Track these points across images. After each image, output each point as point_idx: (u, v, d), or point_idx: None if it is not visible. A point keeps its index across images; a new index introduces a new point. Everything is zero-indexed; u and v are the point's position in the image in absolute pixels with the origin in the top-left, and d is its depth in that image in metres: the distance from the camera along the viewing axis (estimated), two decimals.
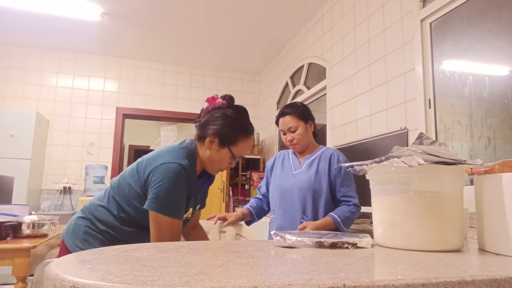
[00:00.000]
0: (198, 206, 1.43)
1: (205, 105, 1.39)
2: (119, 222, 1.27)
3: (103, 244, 1.25)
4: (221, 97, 1.36)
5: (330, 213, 1.73)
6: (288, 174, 1.88)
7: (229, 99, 1.35)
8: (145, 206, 1.21)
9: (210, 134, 1.31)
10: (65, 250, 1.26)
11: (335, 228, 1.70)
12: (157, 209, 1.19)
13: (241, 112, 1.35)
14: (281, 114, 1.89)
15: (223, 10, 3.90)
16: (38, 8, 3.87)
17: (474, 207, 1.01)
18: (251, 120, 1.42)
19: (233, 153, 1.32)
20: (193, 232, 1.59)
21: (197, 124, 1.37)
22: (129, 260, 0.72)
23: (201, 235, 1.60)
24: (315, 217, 1.77)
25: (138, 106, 5.35)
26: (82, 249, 1.23)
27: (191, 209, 1.35)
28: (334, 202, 1.81)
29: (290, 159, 1.94)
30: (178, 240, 1.24)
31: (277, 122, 1.93)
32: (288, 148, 2.00)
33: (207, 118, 1.34)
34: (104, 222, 1.27)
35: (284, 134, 1.88)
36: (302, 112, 1.86)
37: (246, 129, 1.34)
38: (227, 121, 1.31)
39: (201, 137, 1.34)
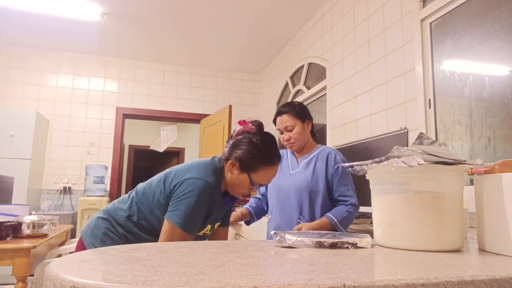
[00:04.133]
0: (218, 224, 1.45)
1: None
2: (138, 228, 1.29)
3: (118, 236, 1.28)
4: (251, 122, 1.38)
5: (327, 214, 1.72)
6: (286, 174, 1.88)
7: (258, 126, 1.38)
8: (165, 216, 1.25)
9: (233, 158, 1.34)
10: (82, 248, 1.28)
11: (332, 228, 1.69)
12: (174, 220, 1.22)
13: (267, 141, 1.36)
14: (278, 113, 1.88)
15: (223, 10, 3.89)
16: (38, 8, 3.87)
17: (474, 207, 1.01)
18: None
19: (252, 180, 1.33)
20: None
21: (227, 143, 1.41)
22: (129, 260, 0.72)
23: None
24: (312, 217, 1.76)
25: (138, 106, 5.35)
26: None
27: (209, 226, 1.36)
28: (331, 202, 1.79)
29: (288, 159, 1.93)
30: None
31: (274, 121, 1.92)
32: (287, 148, 2.00)
33: (235, 141, 1.37)
34: (124, 227, 1.29)
35: (282, 133, 1.87)
36: (299, 111, 1.84)
37: (268, 158, 1.34)
38: (250, 148, 1.33)
39: (226, 158, 1.37)
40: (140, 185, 1.36)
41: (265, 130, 1.42)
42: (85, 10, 3.91)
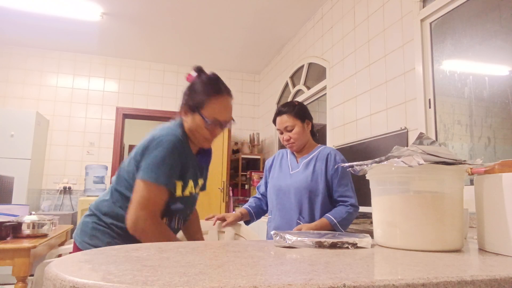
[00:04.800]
0: (202, 183, 1.44)
1: None
2: (124, 210, 1.27)
3: (112, 238, 1.26)
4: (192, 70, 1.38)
5: (326, 215, 1.71)
6: (285, 174, 1.87)
7: (197, 69, 1.36)
8: (136, 177, 1.23)
9: (181, 106, 1.34)
10: (76, 250, 1.28)
11: (332, 229, 1.68)
12: (144, 175, 1.19)
13: (207, 77, 1.34)
14: (278, 113, 1.87)
15: (223, 10, 3.89)
16: (38, 8, 3.87)
17: (474, 207, 1.01)
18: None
19: (203, 115, 1.29)
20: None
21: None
22: (129, 260, 0.72)
23: (194, 220, 1.60)
24: (311, 218, 1.75)
25: (138, 106, 5.35)
26: (91, 245, 1.25)
27: (191, 182, 1.33)
28: (331, 202, 1.79)
29: (288, 159, 1.93)
30: (160, 209, 1.22)
31: (274, 121, 1.91)
32: (287, 148, 2.00)
33: (182, 95, 1.38)
34: (110, 215, 1.28)
35: (281, 133, 1.87)
36: (298, 111, 1.84)
37: (210, 89, 1.31)
38: (192, 89, 1.33)
39: (180, 113, 1.37)
40: (115, 175, 1.37)
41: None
42: (85, 10, 3.90)
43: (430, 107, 2.31)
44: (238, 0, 3.69)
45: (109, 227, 1.27)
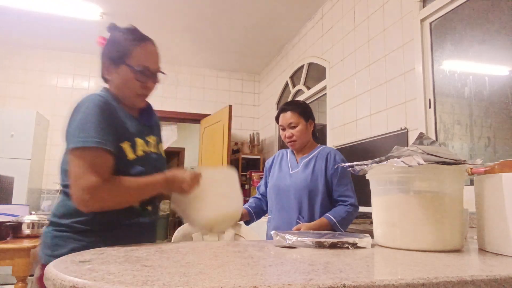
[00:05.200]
0: (156, 146, 1.26)
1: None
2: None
3: (75, 240, 1.08)
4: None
5: (326, 214, 1.72)
6: (285, 174, 1.88)
7: (111, 27, 1.23)
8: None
9: (102, 66, 1.20)
10: (41, 268, 1.10)
11: (331, 229, 1.68)
12: (72, 143, 1.03)
13: (125, 28, 1.21)
14: (282, 109, 1.89)
15: (223, 10, 3.89)
16: (38, 8, 3.87)
17: (474, 207, 1.01)
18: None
19: (131, 65, 1.15)
20: None
21: None
22: (129, 260, 0.72)
23: None
24: (311, 218, 1.76)
25: None
26: (55, 256, 1.04)
27: (140, 140, 1.17)
28: (331, 202, 1.79)
29: (288, 159, 1.93)
30: (105, 171, 1.03)
31: (277, 118, 1.92)
32: (287, 148, 2.00)
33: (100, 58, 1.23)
34: (67, 215, 1.11)
35: (284, 130, 1.88)
36: (303, 110, 1.86)
37: (136, 36, 1.18)
38: (112, 41, 1.19)
39: (102, 77, 1.23)
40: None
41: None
42: (85, 10, 3.90)
43: (430, 107, 2.31)
44: (238, 0, 3.69)
45: (71, 229, 1.09)
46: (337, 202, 1.78)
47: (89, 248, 1.01)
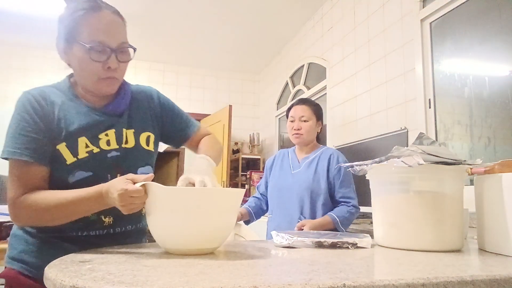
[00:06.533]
0: (122, 140, 1.02)
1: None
2: None
3: (26, 242, 0.97)
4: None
5: (329, 213, 1.73)
6: (287, 174, 1.88)
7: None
8: None
9: (58, 46, 1.03)
10: (6, 273, 0.97)
11: (334, 228, 1.70)
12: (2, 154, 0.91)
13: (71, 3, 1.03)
14: (299, 102, 1.92)
15: (223, 10, 3.89)
16: (38, 8, 3.87)
17: (474, 207, 1.01)
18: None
19: (82, 41, 0.95)
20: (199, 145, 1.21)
21: None
22: (129, 260, 0.72)
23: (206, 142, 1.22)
24: (312, 218, 1.76)
25: None
26: (8, 257, 0.98)
27: (85, 139, 0.96)
28: (333, 202, 1.80)
29: (289, 158, 1.94)
30: (25, 189, 0.89)
31: (289, 109, 1.93)
32: (288, 148, 2.00)
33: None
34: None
35: (293, 121, 1.88)
36: (317, 109, 1.91)
37: (84, 6, 0.98)
38: (62, 18, 1.03)
39: (66, 63, 1.08)
40: None
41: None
42: None
43: (430, 107, 2.31)
44: (238, 0, 3.69)
45: (23, 230, 0.99)
46: (339, 203, 1.78)
47: (36, 253, 0.94)
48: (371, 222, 1.51)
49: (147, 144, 1.08)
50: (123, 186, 0.79)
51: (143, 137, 1.07)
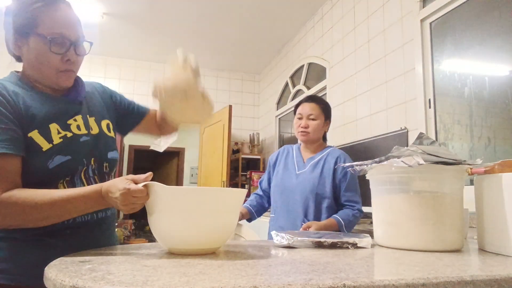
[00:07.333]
0: (89, 126, 1.03)
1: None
2: None
3: (1, 249, 0.90)
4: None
5: (334, 215, 1.71)
6: (291, 174, 1.84)
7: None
8: None
9: (8, 38, 0.99)
10: None
11: (338, 230, 1.67)
12: None
13: None
14: (307, 99, 1.87)
15: (223, 10, 3.89)
16: None
17: (474, 207, 1.01)
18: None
19: (42, 34, 0.93)
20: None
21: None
22: (129, 260, 0.72)
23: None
24: (317, 220, 1.74)
25: None
26: None
27: (56, 125, 0.95)
28: (337, 205, 1.78)
29: (294, 157, 1.89)
30: (12, 184, 0.85)
31: (297, 106, 1.88)
32: (293, 144, 1.96)
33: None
34: None
35: (300, 119, 1.83)
36: (326, 108, 1.87)
37: (35, 3, 0.94)
38: (15, 7, 0.97)
39: (14, 57, 1.03)
40: None
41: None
42: (86, 10, 3.90)
43: (430, 107, 2.31)
44: (238, 0, 3.69)
45: (4, 234, 0.91)
46: (344, 206, 1.76)
47: (14, 257, 0.87)
48: (371, 222, 1.51)
49: (109, 131, 1.10)
50: (126, 186, 0.79)
51: (103, 124, 1.09)
